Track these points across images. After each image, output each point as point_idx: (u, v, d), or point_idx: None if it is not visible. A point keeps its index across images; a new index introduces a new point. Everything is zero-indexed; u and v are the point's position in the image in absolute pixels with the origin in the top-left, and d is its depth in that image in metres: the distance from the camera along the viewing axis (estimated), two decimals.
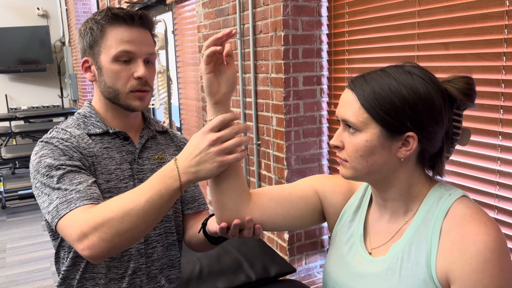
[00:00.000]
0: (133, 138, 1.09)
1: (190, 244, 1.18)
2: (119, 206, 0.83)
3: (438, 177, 0.84)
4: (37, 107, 7.08)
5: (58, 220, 0.89)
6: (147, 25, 1.04)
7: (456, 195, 0.79)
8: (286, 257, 2.46)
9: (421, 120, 0.76)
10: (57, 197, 0.91)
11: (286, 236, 2.45)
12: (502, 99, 1.55)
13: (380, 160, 0.79)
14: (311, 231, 2.50)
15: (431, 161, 0.81)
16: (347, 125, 0.80)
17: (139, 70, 1.00)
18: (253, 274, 1.66)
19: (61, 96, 7.31)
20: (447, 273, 0.73)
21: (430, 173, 0.84)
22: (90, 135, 1.04)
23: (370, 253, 0.85)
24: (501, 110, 1.56)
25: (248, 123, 2.68)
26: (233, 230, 0.85)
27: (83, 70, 1.05)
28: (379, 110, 0.76)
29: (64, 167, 0.94)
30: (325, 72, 2.38)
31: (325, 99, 2.40)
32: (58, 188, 0.92)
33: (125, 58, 1.00)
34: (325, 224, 2.59)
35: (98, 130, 1.05)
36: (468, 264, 0.70)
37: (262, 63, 2.44)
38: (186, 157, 0.81)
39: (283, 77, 2.28)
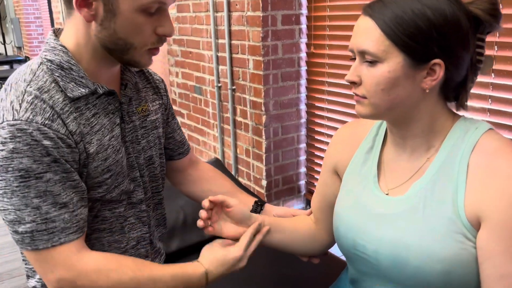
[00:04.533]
0: (116, 88, 0.88)
1: (189, 194, 1.13)
2: None
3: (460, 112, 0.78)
4: None
5: (31, 249, 0.74)
6: None
7: (483, 128, 0.74)
8: None
9: (449, 45, 0.69)
10: (33, 220, 0.73)
11: (264, 182, 2.41)
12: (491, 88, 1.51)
13: (403, 93, 0.72)
14: (289, 177, 2.48)
15: (455, 92, 0.75)
16: (364, 57, 0.72)
17: (168, 26, 0.79)
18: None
19: (4, 43, 6.69)
20: (478, 210, 0.69)
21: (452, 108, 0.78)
22: (72, 100, 0.78)
23: (386, 194, 0.80)
24: (490, 100, 1.53)
25: (221, 66, 2.53)
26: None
27: (77, 3, 0.74)
28: (402, 36, 0.68)
29: (47, 176, 0.73)
30: (304, 11, 2.25)
31: (304, 40, 2.29)
32: (36, 207, 0.72)
33: (153, 10, 0.76)
34: (302, 169, 2.59)
35: (84, 91, 0.79)
36: (502, 200, 0.67)
37: (236, 0, 2.27)
38: (220, 274, 0.85)
39: (261, 15, 2.13)
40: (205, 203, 0.85)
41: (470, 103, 0.79)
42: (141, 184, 0.93)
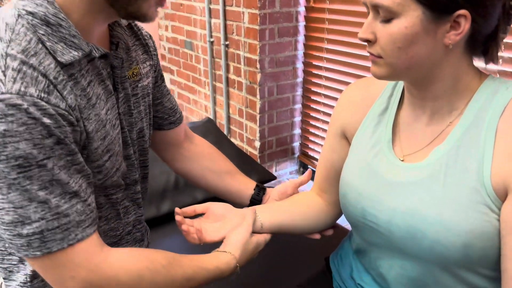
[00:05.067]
0: (106, 48, 0.72)
1: (185, 172, 1.01)
2: None
3: (490, 67, 0.70)
4: None
5: (41, 254, 0.60)
6: None
7: None
8: None
9: None
10: (42, 217, 0.59)
11: (257, 143, 2.34)
12: None
13: (422, 50, 0.63)
14: (282, 138, 2.41)
15: (484, 45, 0.67)
16: (379, 11, 0.63)
17: None
18: None
19: None
20: (506, 180, 0.62)
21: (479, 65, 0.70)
22: (64, 65, 0.63)
23: (401, 160, 0.73)
24: None
25: (213, 19, 2.39)
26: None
27: None
28: None
29: (51, 162, 0.59)
30: None
31: None
32: (44, 201, 0.58)
33: None
34: (296, 131, 2.52)
35: (76, 54, 0.64)
36: None
37: None
38: (247, 258, 0.78)
39: None
40: (177, 210, 0.76)
41: (503, 54, 0.70)
42: (134, 162, 0.81)
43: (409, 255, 0.70)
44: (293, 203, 0.91)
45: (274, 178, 1.66)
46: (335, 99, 2.16)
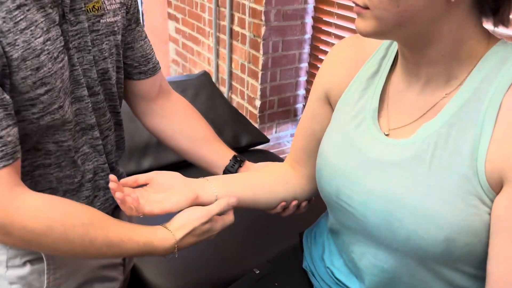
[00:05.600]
0: None
1: (154, 129, 0.92)
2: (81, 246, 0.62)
3: (500, 31, 0.57)
4: None
5: None
6: None
7: None
8: (256, 125, 2.28)
9: None
10: None
11: (257, 102, 2.23)
12: None
13: (418, 2, 0.51)
14: (285, 98, 2.29)
15: (495, 2, 0.54)
16: None
17: None
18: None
19: None
20: (503, 168, 0.51)
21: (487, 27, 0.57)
22: None
23: (386, 135, 0.62)
24: None
25: None
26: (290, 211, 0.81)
27: None
28: None
29: None
30: None
31: None
32: None
33: None
34: (301, 92, 2.39)
35: None
36: None
37: None
38: (192, 243, 0.69)
39: None
40: (112, 178, 0.64)
41: None
42: (89, 105, 0.73)
43: (384, 244, 0.61)
44: (258, 176, 0.81)
45: (267, 140, 1.56)
46: None
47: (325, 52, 2.10)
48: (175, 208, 0.68)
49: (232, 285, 0.83)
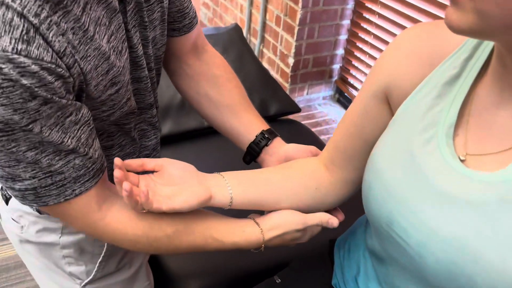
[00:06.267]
0: None
1: (180, 89, 0.83)
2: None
3: None
4: None
5: (38, 206, 0.58)
6: None
7: None
8: (286, 85, 2.12)
9: None
10: (32, 176, 0.52)
11: (291, 60, 2.05)
12: None
13: None
14: (321, 58, 2.10)
15: None
16: None
17: None
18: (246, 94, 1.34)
19: None
20: None
21: None
22: None
23: (462, 160, 0.49)
24: None
25: None
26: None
27: None
28: None
29: (38, 124, 0.48)
30: None
31: None
32: (33, 162, 0.50)
33: None
34: (339, 51, 2.19)
35: None
36: None
37: None
38: (276, 245, 0.66)
39: None
40: (117, 161, 0.54)
41: None
42: (148, 85, 0.67)
43: None
44: (284, 177, 0.68)
45: (298, 110, 1.42)
46: (391, 22, 1.80)
47: (371, 11, 1.88)
48: (184, 207, 0.57)
49: None
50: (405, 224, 0.51)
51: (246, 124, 0.79)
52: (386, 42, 1.84)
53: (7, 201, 0.73)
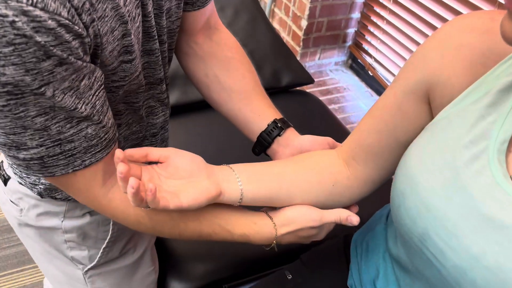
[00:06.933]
0: None
1: (188, 70, 0.77)
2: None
3: None
4: None
5: (44, 177, 0.52)
6: None
7: None
8: (298, 49, 2.02)
9: None
10: (40, 144, 0.48)
11: (304, 23, 1.94)
12: None
13: None
14: (336, 21, 1.99)
15: None
16: None
17: None
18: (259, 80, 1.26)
19: None
20: None
21: None
22: None
23: None
24: None
25: None
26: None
27: None
28: None
29: (51, 87, 0.44)
30: None
31: None
32: (42, 129, 0.46)
33: None
34: (355, 15, 2.06)
35: None
36: None
37: None
38: (289, 241, 0.62)
39: None
40: (118, 153, 0.48)
41: None
42: (159, 58, 0.62)
43: None
44: (298, 172, 0.62)
45: (311, 81, 1.34)
46: None
47: None
48: (193, 206, 0.52)
49: (259, 282, 0.72)
50: (442, 245, 0.46)
51: (258, 111, 0.73)
52: (405, 8, 1.72)
53: (5, 181, 0.69)
